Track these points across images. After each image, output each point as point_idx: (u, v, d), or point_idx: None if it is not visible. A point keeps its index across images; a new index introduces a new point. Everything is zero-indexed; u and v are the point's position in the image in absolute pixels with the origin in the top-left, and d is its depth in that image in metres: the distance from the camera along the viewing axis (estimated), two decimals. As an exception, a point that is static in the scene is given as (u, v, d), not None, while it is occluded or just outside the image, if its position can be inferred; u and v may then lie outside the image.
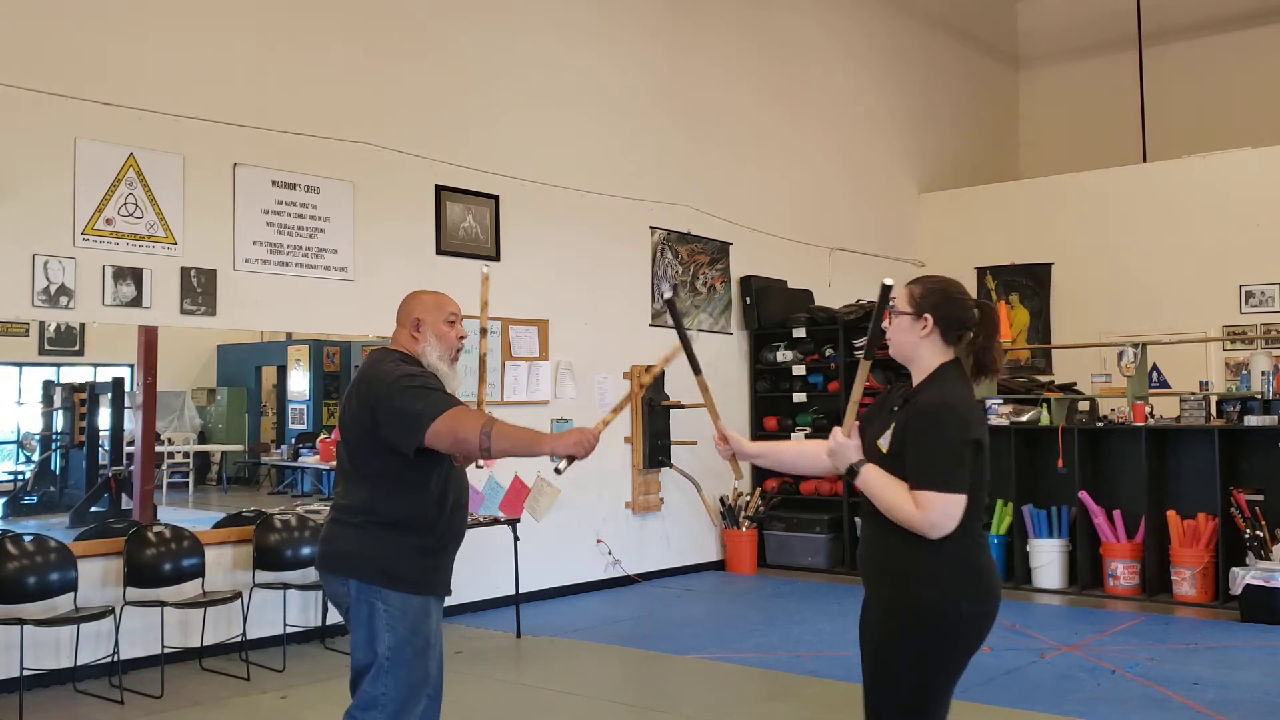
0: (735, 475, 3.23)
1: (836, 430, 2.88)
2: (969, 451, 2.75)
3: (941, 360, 2.89)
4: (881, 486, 2.78)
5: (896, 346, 2.93)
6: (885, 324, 2.93)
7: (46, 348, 6.58)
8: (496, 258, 7.88)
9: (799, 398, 9.66)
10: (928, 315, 2.88)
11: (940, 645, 2.77)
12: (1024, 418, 8.40)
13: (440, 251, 7.54)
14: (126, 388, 6.76)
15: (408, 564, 3.16)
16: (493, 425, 3.03)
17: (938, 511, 2.69)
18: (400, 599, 3.14)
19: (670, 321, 9.07)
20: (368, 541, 3.16)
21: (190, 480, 8.34)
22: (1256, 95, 12.45)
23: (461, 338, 3.39)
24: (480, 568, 7.48)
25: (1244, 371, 8.67)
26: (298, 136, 6.80)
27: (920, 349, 2.89)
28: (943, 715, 2.85)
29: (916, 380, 2.91)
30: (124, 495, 6.66)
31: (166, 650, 5.85)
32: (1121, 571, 7.86)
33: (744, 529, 9.33)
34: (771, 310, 9.82)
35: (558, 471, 3.09)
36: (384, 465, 3.15)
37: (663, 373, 8.86)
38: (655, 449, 8.73)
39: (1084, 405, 8.56)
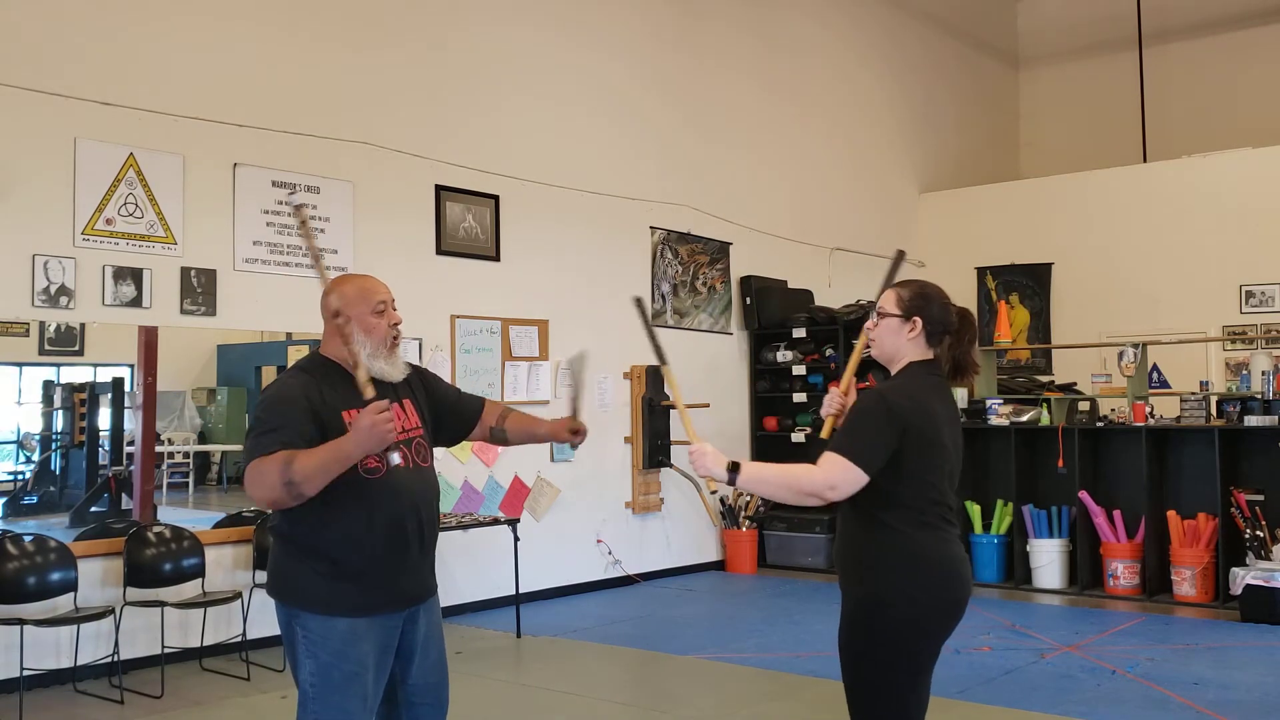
0: (824, 433, 3.08)
1: (697, 444, 2.84)
2: (886, 440, 2.78)
3: (911, 359, 2.97)
4: (767, 471, 2.87)
5: (881, 347, 3.01)
6: (870, 325, 3.03)
7: (46, 348, 6.56)
8: (496, 258, 7.88)
9: (799, 398, 9.65)
10: (916, 319, 2.96)
11: (901, 637, 2.81)
12: (1024, 418, 8.40)
13: (440, 251, 7.54)
14: (126, 388, 6.75)
15: (324, 586, 2.90)
16: (291, 467, 2.74)
17: (836, 473, 2.76)
18: (320, 622, 2.90)
19: (660, 321, 9.10)
20: (286, 562, 2.97)
21: (190, 480, 8.32)
22: (1256, 95, 12.45)
23: (395, 324, 3.07)
24: (480, 568, 7.49)
25: (1244, 371, 8.66)
26: (298, 136, 6.80)
27: (904, 350, 2.97)
28: (918, 705, 2.88)
29: None
30: (124, 495, 6.65)
31: (166, 650, 5.85)
32: (1122, 571, 7.86)
33: (744, 529, 9.33)
34: (771, 310, 9.82)
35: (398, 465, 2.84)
36: None
37: (663, 373, 8.86)
38: (655, 449, 8.73)
39: (1084, 405, 8.56)
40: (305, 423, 2.86)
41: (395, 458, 2.77)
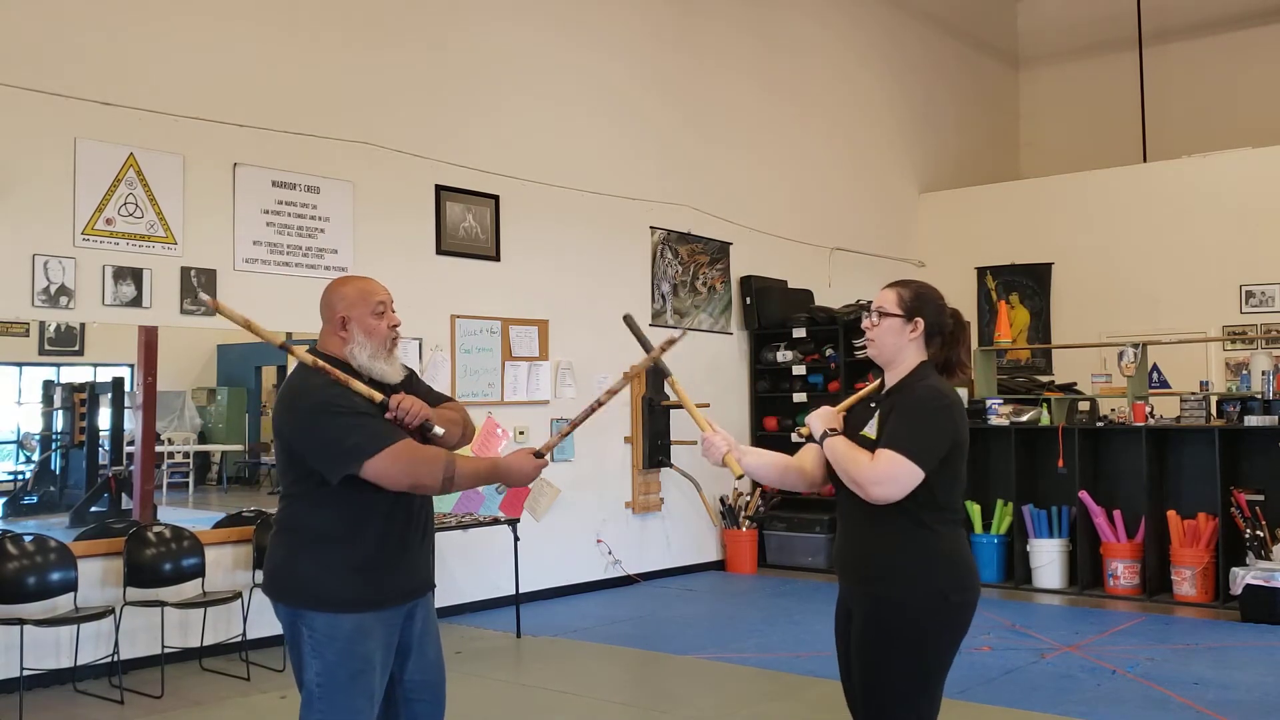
0: (735, 472, 3.07)
1: (824, 407, 3.06)
2: (946, 442, 2.84)
3: (920, 360, 2.99)
4: (845, 449, 2.90)
5: (881, 348, 3.01)
6: (869, 324, 3.03)
7: (46, 348, 6.56)
8: (496, 258, 7.88)
9: (799, 398, 9.65)
10: (919, 319, 2.97)
11: (929, 637, 2.83)
12: (1024, 418, 8.40)
13: (440, 251, 7.54)
14: (126, 388, 6.75)
15: (333, 582, 2.91)
16: (455, 465, 2.89)
17: (891, 471, 2.78)
18: (326, 620, 2.90)
19: (660, 321, 9.10)
20: (288, 561, 2.97)
21: (190, 480, 8.32)
22: (1256, 95, 12.45)
23: (394, 326, 3.08)
24: (480, 568, 7.49)
25: (1244, 371, 8.66)
26: (298, 136, 6.80)
27: (906, 350, 2.98)
28: (936, 704, 2.91)
29: (894, 379, 3.00)
30: (124, 495, 6.65)
31: (166, 650, 5.85)
32: (1122, 571, 7.86)
33: (744, 529, 9.33)
34: (771, 310, 9.82)
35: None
36: (305, 481, 2.94)
37: (662, 373, 8.86)
38: (655, 449, 8.73)
39: (1084, 405, 8.55)
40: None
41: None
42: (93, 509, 6.95)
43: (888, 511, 2.82)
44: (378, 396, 2.95)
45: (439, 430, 2.99)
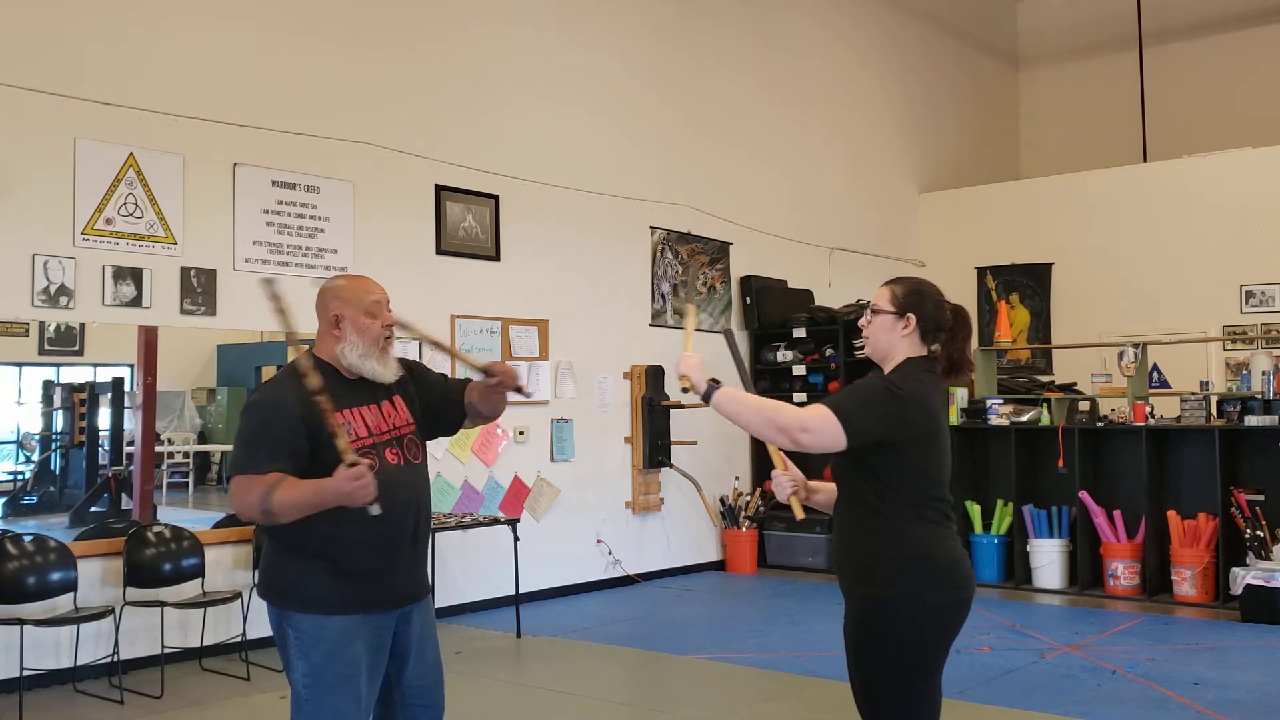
0: (797, 515, 3.05)
1: (689, 352, 2.96)
2: (882, 424, 2.78)
3: (908, 356, 2.95)
4: (743, 399, 2.86)
5: (875, 345, 3.00)
6: (864, 322, 3.02)
7: (46, 348, 6.56)
8: (496, 258, 7.88)
9: (799, 398, 9.64)
10: (911, 315, 2.94)
11: (912, 637, 2.81)
12: (1024, 418, 8.40)
13: (440, 251, 7.54)
14: (126, 388, 6.75)
15: (318, 584, 2.90)
16: (272, 498, 2.75)
17: (819, 422, 2.76)
18: (313, 623, 2.89)
19: (660, 321, 9.11)
20: (277, 562, 2.97)
21: (190, 480, 8.32)
22: (1256, 95, 12.45)
23: (389, 325, 3.04)
24: (480, 568, 7.49)
25: (1244, 371, 8.66)
26: (298, 136, 6.80)
27: (898, 347, 2.96)
28: (933, 703, 2.89)
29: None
30: (124, 495, 6.65)
31: (166, 650, 5.85)
32: (1122, 571, 7.86)
33: (744, 529, 9.33)
34: (771, 310, 9.82)
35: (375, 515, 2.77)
36: None
37: (663, 372, 8.87)
38: (655, 449, 8.73)
39: (1084, 405, 8.55)
40: (294, 434, 2.86)
41: (374, 509, 2.74)
42: (92, 509, 6.95)
43: (870, 512, 2.83)
44: (349, 458, 2.70)
45: (374, 510, 2.78)
